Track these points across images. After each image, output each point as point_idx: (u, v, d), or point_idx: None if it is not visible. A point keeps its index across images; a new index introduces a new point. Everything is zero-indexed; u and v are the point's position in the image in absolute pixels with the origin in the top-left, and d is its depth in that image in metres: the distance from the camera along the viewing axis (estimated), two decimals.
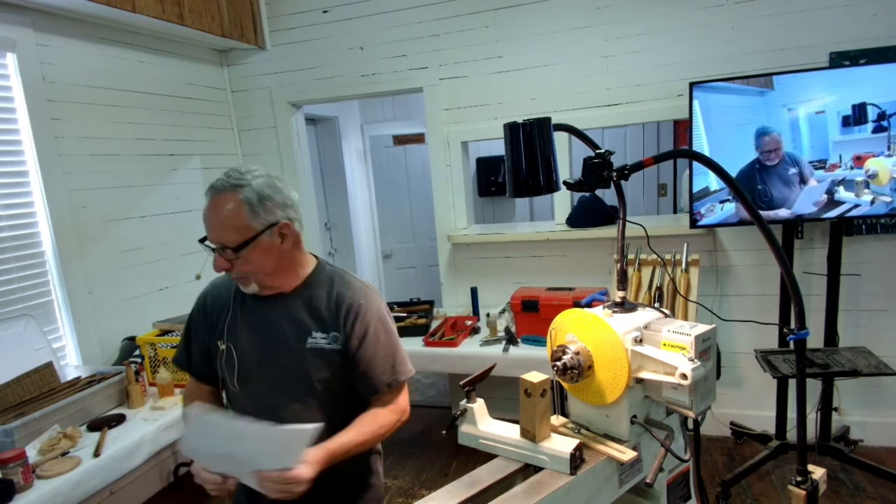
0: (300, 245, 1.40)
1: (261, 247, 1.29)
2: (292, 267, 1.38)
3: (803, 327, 1.26)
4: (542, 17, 3.17)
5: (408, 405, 1.44)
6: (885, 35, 2.69)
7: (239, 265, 1.29)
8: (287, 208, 1.34)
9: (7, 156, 2.51)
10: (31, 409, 2.16)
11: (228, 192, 1.27)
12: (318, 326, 1.36)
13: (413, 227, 5.46)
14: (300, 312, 1.37)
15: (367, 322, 1.36)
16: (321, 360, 1.36)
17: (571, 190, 1.20)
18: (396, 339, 1.42)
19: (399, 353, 1.41)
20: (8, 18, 2.47)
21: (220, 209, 1.27)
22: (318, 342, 1.35)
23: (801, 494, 1.26)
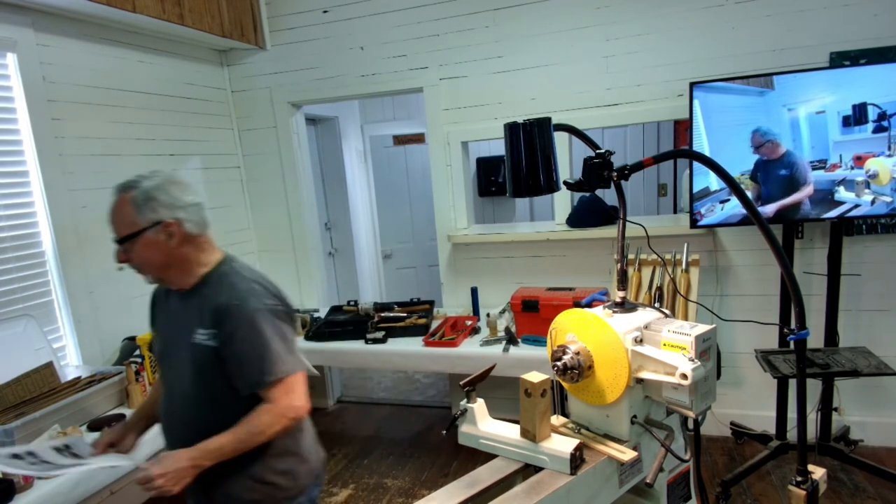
0: (197, 244, 1.47)
1: (145, 242, 1.42)
2: (187, 265, 1.46)
3: (803, 327, 1.26)
4: (542, 17, 3.17)
5: (294, 405, 1.42)
6: (885, 35, 2.69)
7: (132, 257, 1.44)
8: (176, 209, 1.43)
9: (7, 156, 2.51)
10: (31, 409, 2.16)
11: (122, 193, 1.45)
12: (201, 323, 1.43)
13: (413, 227, 5.45)
14: (192, 309, 1.46)
15: (236, 323, 1.40)
16: (200, 356, 1.43)
17: (571, 190, 1.20)
18: (268, 340, 1.40)
19: (269, 354, 1.40)
20: (8, 18, 2.47)
21: (114, 207, 1.46)
22: (199, 339, 1.43)
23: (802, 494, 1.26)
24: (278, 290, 1.50)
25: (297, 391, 1.44)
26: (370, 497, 2.98)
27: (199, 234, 1.47)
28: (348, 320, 3.34)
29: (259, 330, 1.40)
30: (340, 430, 3.78)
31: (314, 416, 4.01)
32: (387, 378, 4.72)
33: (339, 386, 4.36)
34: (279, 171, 3.82)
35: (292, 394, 1.42)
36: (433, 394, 4.34)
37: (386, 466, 3.27)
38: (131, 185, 1.44)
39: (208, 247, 1.51)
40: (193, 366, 1.44)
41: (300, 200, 3.85)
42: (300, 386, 1.45)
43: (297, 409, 1.43)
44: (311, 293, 3.94)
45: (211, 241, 1.52)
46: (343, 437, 3.65)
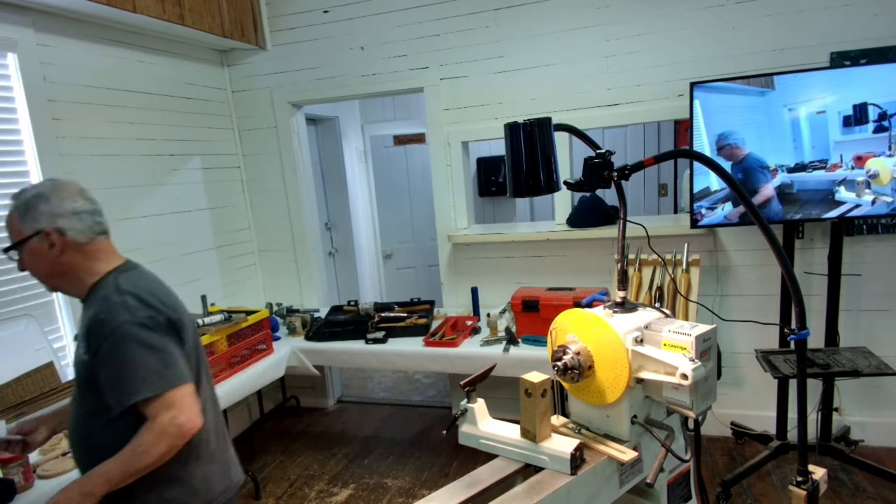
0: (86, 253, 1.43)
1: (30, 251, 1.41)
2: (74, 274, 1.43)
3: (804, 327, 1.26)
4: (542, 17, 3.17)
5: (176, 421, 1.31)
6: (885, 35, 2.69)
7: (25, 268, 1.45)
8: (57, 218, 1.39)
9: (7, 156, 2.51)
10: (31, 409, 2.16)
11: (12, 203, 1.43)
12: (81, 335, 1.39)
13: (413, 227, 5.46)
14: (83, 318, 1.42)
15: (102, 338, 1.33)
16: (80, 371, 1.40)
17: (572, 190, 1.20)
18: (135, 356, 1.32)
19: (136, 370, 1.31)
20: (8, 18, 2.47)
21: (6, 218, 1.45)
22: (79, 353, 1.39)
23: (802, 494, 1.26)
24: (162, 301, 1.42)
25: (180, 406, 1.32)
26: (370, 497, 2.98)
27: (86, 242, 1.42)
28: (348, 320, 3.34)
29: (125, 346, 1.31)
30: (340, 430, 3.78)
31: (314, 415, 4.04)
32: (387, 378, 4.72)
33: (339, 386, 4.36)
34: (279, 171, 3.82)
35: (174, 409, 1.31)
36: (433, 394, 4.34)
37: (386, 466, 3.27)
38: (16, 195, 1.42)
39: (101, 255, 1.45)
40: (77, 382, 1.41)
41: (300, 200, 3.85)
42: (185, 400, 1.34)
43: (181, 426, 1.31)
44: (311, 293, 3.95)
45: (105, 248, 1.47)
46: (343, 437, 3.65)
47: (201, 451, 1.48)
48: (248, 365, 2.88)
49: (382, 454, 3.41)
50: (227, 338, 2.77)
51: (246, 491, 3.09)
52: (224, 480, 1.54)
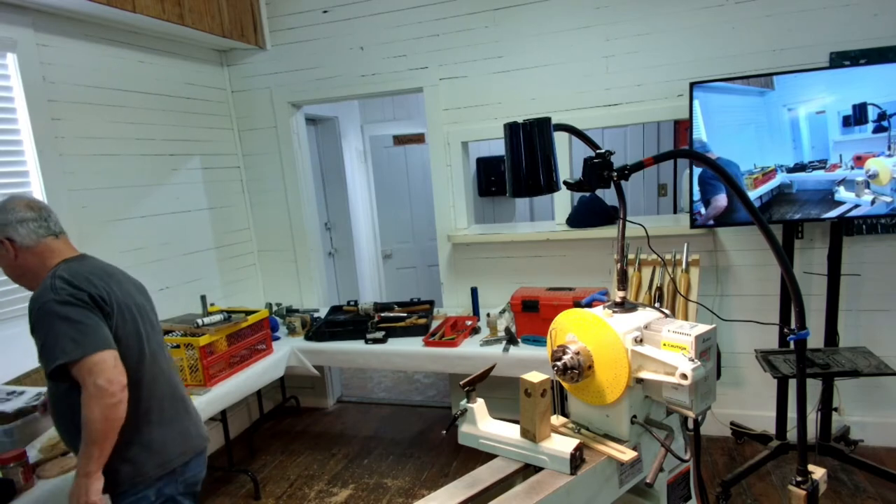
0: (37, 253, 1.63)
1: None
2: (31, 273, 1.64)
3: (803, 327, 1.26)
4: (542, 17, 3.17)
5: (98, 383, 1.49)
6: (885, 35, 2.69)
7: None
8: (5, 228, 1.61)
9: (7, 156, 2.51)
10: (31, 409, 2.15)
11: None
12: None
13: (413, 227, 5.45)
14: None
15: (33, 317, 1.54)
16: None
17: (571, 190, 1.20)
18: (54, 327, 1.51)
19: (55, 340, 1.50)
20: (8, 18, 2.47)
21: None
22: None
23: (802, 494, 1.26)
24: (91, 282, 1.59)
25: (99, 369, 1.50)
26: (370, 497, 2.98)
27: (34, 245, 1.63)
28: (348, 320, 3.34)
29: (47, 320, 1.51)
30: (340, 430, 3.78)
31: (314, 415, 4.04)
32: (387, 378, 4.72)
33: (339, 386, 4.36)
34: (279, 171, 3.82)
35: (95, 372, 1.49)
36: (433, 394, 4.34)
37: (386, 466, 3.27)
38: None
39: (52, 253, 1.65)
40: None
41: (300, 200, 3.85)
42: (103, 364, 1.51)
43: (101, 387, 1.48)
44: (311, 293, 3.95)
45: (55, 247, 1.67)
46: (343, 437, 3.65)
47: (152, 417, 1.67)
48: (247, 365, 2.88)
49: (382, 454, 3.41)
50: (227, 338, 2.77)
51: (246, 491, 3.09)
52: (180, 445, 1.72)
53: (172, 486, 1.69)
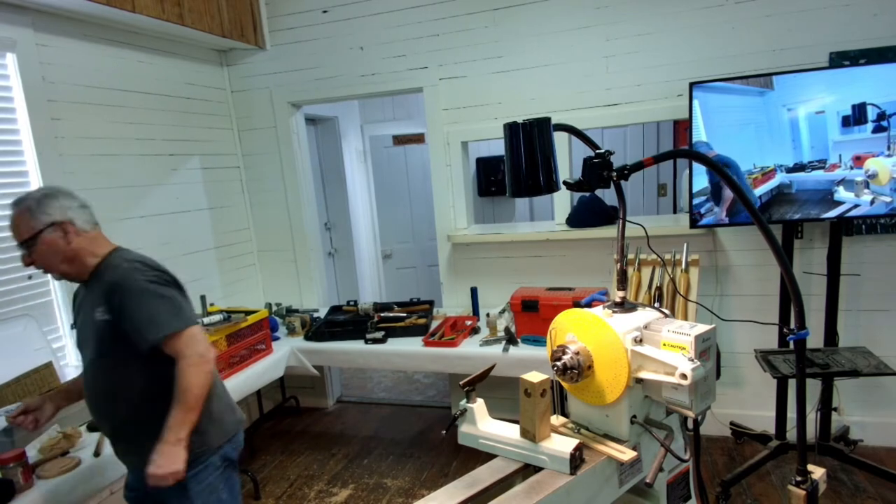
0: (89, 239, 1.71)
1: (43, 242, 1.63)
2: (80, 259, 1.69)
3: (803, 327, 1.26)
4: (542, 17, 3.17)
5: (199, 351, 1.63)
6: (885, 35, 2.69)
7: (35, 258, 1.65)
8: (67, 211, 1.67)
9: (7, 156, 2.51)
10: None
11: (16, 207, 1.66)
12: (97, 303, 1.66)
13: (413, 227, 5.45)
14: (91, 294, 1.70)
15: (125, 295, 1.63)
16: (100, 331, 1.66)
17: (571, 190, 1.20)
18: (154, 304, 1.63)
19: (159, 315, 1.63)
20: (8, 18, 2.47)
21: (12, 220, 1.66)
22: (97, 316, 1.65)
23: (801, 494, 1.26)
24: (162, 267, 1.75)
25: (196, 339, 1.64)
26: (370, 497, 2.98)
27: (89, 230, 1.72)
28: (348, 320, 3.34)
29: (145, 297, 1.63)
30: (340, 430, 3.78)
31: (314, 415, 4.04)
32: (387, 378, 4.72)
33: (339, 386, 4.36)
34: (279, 171, 3.82)
35: (194, 343, 1.63)
36: (433, 394, 4.34)
37: (386, 466, 3.27)
38: (23, 198, 1.67)
39: (100, 242, 1.75)
40: (97, 342, 1.67)
41: (300, 200, 3.85)
42: (199, 335, 1.66)
43: (202, 354, 1.63)
44: (310, 293, 3.95)
45: (102, 237, 1.77)
46: (343, 437, 3.65)
47: (215, 390, 1.77)
48: (247, 365, 2.88)
49: (382, 454, 3.41)
50: (227, 338, 2.77)
51: (246, 491, 3.09)
52: (231, 416, 1.86)
53: (231, 452, 1.83)
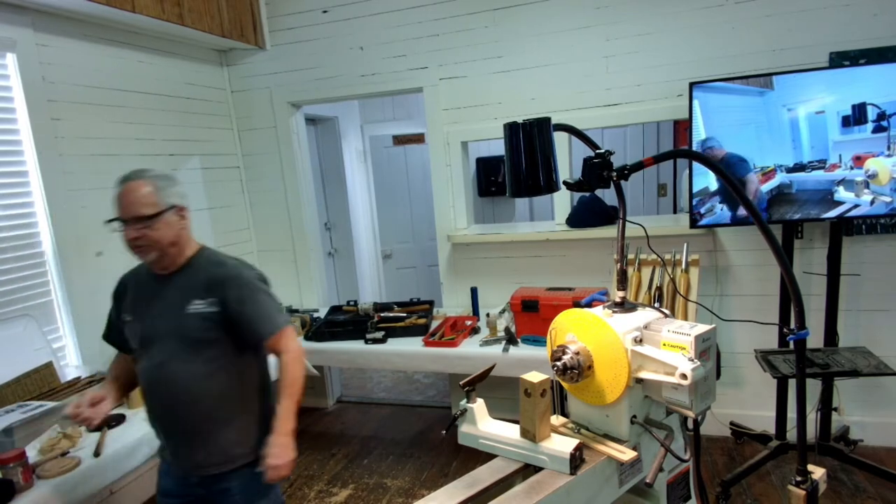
0: (189, 229, 1.74)
1: (164, 222, 1.65)
2: (182, 245, 1.71)
3: (803, 327, 1.26)
4: (542, 17, 3.17)
5: (300, 347, 1.75)
6: (885, 35, 2.69)
7: (148, 234, 1.63)
8: (183, 198, 1.72)
9: (7, 156, 2.51)
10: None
11: (140, 180, 1.65)
12: (195, 296, 1.67)
13: (413, 227, 5.45)
14: (179, 288, 1.69)
15: (238, 289, 1.69)
16: (197, 323, 1.66)
17: (571, 190, 1.20)
18: (267, 300, 1.73)
19: (271, 310, 1.72)
20: (8, 18, 2.47)
21: (136, 191, 1.64)
22: (196, 308, 1.66)
23: (801, 494, 1.26)
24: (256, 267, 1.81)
25: (295, 336, 1.75)
26: (370, 497, 2.98)
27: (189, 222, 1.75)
28: (348, 320, 3.34)
29: (258, 293, 1.71)
30: (340, 430, 3.78)
31: (314, 415, 4.04)
32: (387, 378, 4.72)
33: (338, 386, 4.36)
34: (279, 171, 3.82)
35: (294, 339, 1.73)
36: (433, 394, 4.34)
37: (386, 466, 3.27)
38: (143, 173, 1.67)
39: (191, 235, 1.77)
40: (183, 336, 1.65)
41: (300, 200, 3.85)
42: (294, 332, 1.76)
43: (301, 349, 1.74)
44: (310, 293, 3.95)
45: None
46: (343, 437, 3.65)
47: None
48: None
49: (382, 454, 3.41)
50: None
51: None
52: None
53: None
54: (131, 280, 1.81)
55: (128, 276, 1.84)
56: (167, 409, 1.71)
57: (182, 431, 1.71)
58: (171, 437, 1.75)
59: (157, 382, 1.69)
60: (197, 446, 1.70)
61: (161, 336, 1.68)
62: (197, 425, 1.69)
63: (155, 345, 1.69)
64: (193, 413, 1.68)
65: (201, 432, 1.69)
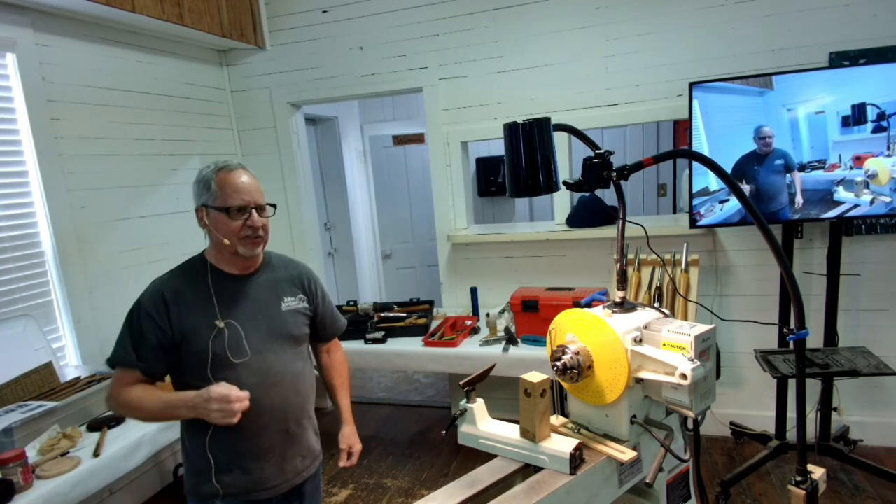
0: None
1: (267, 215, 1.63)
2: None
3: (803, 327, 1.26)
4: (542, 17, 3.17)
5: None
6: (884, 35, 2.69)
7: (267, 225, 1.61)
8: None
9: (7, 156, 2.51)
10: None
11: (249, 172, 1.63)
12: (286, 293, 1.66)
13: (413, 227, 5.45)
14: (270, 285, 1.65)
15: (319, 286, 1.77)
16: (298, 316, 1.66)
17: (571, 190, 1.20)
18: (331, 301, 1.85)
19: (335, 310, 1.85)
20: (8, 18, 2.47)
21: (254, 179, 1.60)
22: (290, 305, 1.65)
23: (801, 494, 1.26)
24: None
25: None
26: (370, 497, 2.98)
27: None
28: (348, 320, 3.33)
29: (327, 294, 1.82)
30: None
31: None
32: (387, 378, 4.72)
33: None
34: (279, 171, 3.82)
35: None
36: (433, 394, 4.33)
37: (386, 466, 3.27)
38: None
39: None
40: (289, 332, 1.63)
41: (299, 200, 3.84)
42: None
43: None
44: None
45: None
46: None
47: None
48: None
49: (382, 454, 3.40)
50: None
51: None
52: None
53: None
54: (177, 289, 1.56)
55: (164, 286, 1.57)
56: (278, 412, 1.57)
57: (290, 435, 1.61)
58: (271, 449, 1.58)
59: (268, 386, 1.55)
60: (297, 449, 1.65)
61: (262, 337, 1.57)
62: (302, 426, 1.66)
63: (257, 347, 1.55)
64: (300, 413, 1.65)
65: (302, 433, 1.67)
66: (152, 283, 1.61)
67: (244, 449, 1.54)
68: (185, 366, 1.53)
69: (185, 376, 1.54)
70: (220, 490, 1.54)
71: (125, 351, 1.51)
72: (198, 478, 1.56)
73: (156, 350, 1.50)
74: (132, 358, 1.50)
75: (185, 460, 1.62)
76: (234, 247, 1.55)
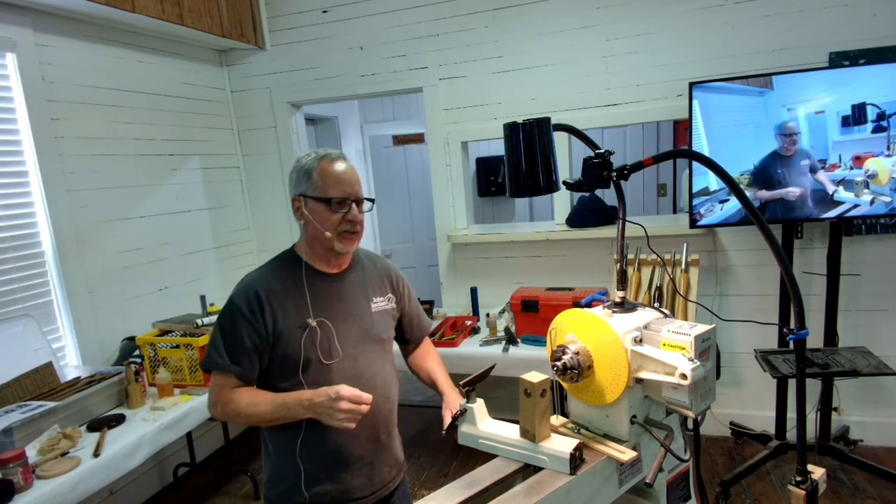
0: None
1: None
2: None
3: (803, 327, 1.26)
4: (542, 17, 3.17)
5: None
6: (884, 35, 2.69)
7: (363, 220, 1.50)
8: None
9: (7, 156, 2.51)
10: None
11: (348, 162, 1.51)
12: (375, 292, 1.59)
13: (413, 227, 5.45)
14: (360, 284, 1.57)
15: (406, 285, 1.71)
16: (387, 318, 1.61)
17: (571, 190, 1.20)
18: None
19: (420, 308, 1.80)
20: (8, 18, 2.47)
21: (354, 169, 1.50)
22: (379, 305, 1.59)
23: (801, 494, 1.26)
24: None
25: None
26: None
27: None
28: None
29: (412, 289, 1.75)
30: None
31: None
32: None
33: None
34: (279, 171, 3.82)
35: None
36: (433, 394, 4.31)
37: None
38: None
39: None
40: (378, 334, 1.57)
41: None
42: None
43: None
44: None
45: None
46: None
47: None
48: None
49: None
50: None
51: (245, 491, 3.09)
52: None
53: None
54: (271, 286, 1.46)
55: (258, 284, 1.46)
56: (369, 419, 1.44)
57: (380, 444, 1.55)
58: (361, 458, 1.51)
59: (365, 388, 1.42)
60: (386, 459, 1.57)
61: (354, 340, 1.50)
62: (391, 434, 1.60)
63: (349, 350, 1.48)
64: (389, 421, 1.58)
65: (391, 442, 1.61)
66: (244, 279, 1.48)
67: (334, 457, 1.46)
68: (274, 367, 1.44)
69: (274, 378, 1.44)
70: (307, 499, 1.45)
71: (219, 355, 1.41)
72: (283, 486, 1.47)
73: (250, 353, 1.41)
74: (226, 362, 1.40)
75: (267, 467, 1.52)
76: (332, 241, 1.44)
